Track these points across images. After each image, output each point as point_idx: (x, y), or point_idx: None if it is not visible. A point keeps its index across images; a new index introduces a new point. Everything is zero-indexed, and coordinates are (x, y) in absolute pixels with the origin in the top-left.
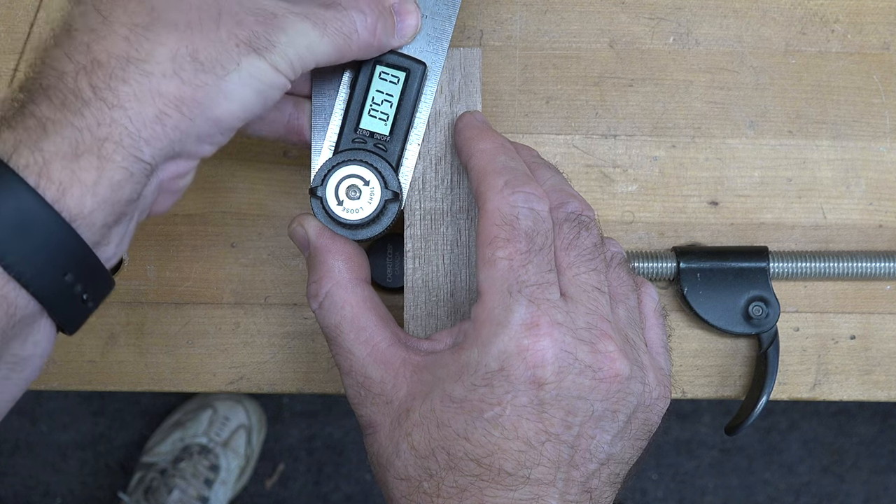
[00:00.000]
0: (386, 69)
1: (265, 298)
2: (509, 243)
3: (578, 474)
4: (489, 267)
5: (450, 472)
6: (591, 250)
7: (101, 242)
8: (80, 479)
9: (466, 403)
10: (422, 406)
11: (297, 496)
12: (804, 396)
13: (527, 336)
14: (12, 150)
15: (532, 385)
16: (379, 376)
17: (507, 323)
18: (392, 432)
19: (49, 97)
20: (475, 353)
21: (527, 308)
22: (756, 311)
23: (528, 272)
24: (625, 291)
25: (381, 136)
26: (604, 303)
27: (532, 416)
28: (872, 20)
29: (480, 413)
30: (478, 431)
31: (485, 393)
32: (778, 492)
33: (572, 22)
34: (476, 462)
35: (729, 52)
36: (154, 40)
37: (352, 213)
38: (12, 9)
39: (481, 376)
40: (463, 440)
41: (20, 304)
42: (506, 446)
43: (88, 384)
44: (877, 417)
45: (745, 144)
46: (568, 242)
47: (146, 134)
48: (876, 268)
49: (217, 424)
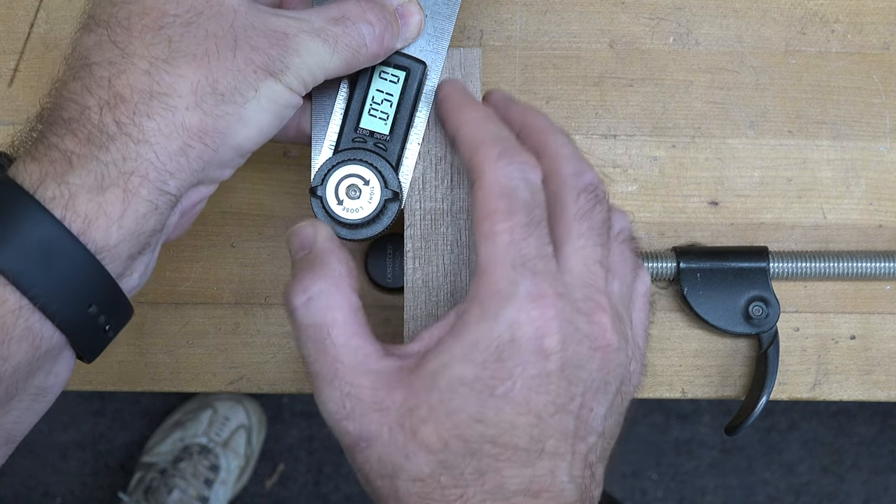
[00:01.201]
0: (386, 68)
1: (265, 298)
2: (509, 216)
3: (583, 447)
4: (490, 241)
5: (467, 459)
6: (601, 225)
7: (124, 273)
8: (80, 479)
9: (478, 383)
10: (428, 398)
11: (297, 496)
12: (804, 396)
13: (534, 307)
14: (38, 183)
15: (540, 356)
16: (371, 384)
17: (514, 295)
18: (394, 438)
19: (73, 131)
20: (484, 328)
21: (531, 280)
22: (756, 311)
23: (530, 245)
24: (624, 269)
25: (381, 136)
26: (602, 276)
27: (541, 388)
28: (872, 20)
29: (492, 391)
30: (490, 411)
31: (496, 369)
32: (778, 492)
33: (572, 22)
34: (492, 443)
35: (729, 52)
36: (174, 73)
37: (352, 212)
38: (12, 9)
39: (493, 350)
40: (476, 423)
41: (45, 335)
42: (518, 422)
43: (88, 384)
44: (877, 417)
45: (745, 144)
46: (583, 213)
47: (171, 167)
48: (876, 268)
49: (217, 424)
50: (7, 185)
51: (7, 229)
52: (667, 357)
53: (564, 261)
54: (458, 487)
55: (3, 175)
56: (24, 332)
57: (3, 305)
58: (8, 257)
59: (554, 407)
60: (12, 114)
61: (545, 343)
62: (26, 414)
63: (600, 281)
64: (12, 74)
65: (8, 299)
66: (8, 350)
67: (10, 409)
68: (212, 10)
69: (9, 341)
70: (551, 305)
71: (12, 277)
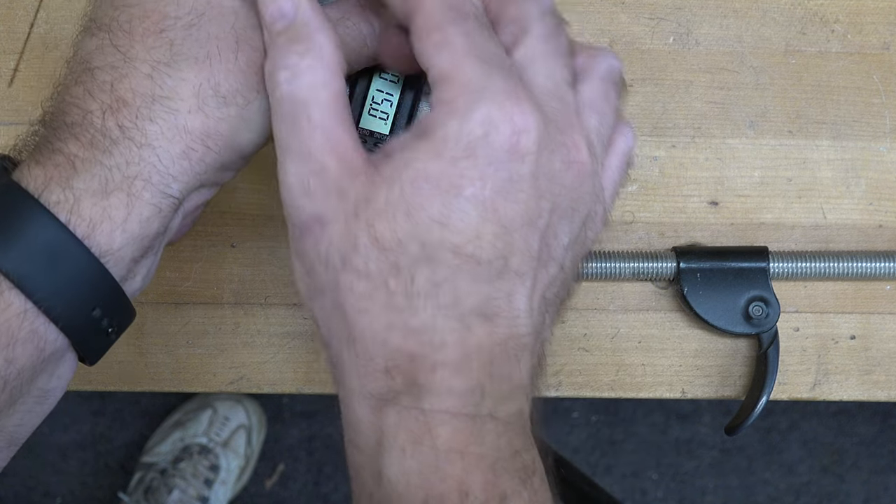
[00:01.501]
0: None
1: (265, 298)
2: (462, 20)
3: (544, 276)
4: (445, 47)
5: (423, 266)
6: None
7: (127, 277)
8: (80, 479)
9: (444, 180)
10: (388, 192)
11: (297, 496)
12: (804, 396)
13: (510, 101)
14: (43, 187)
15: (514, 156)
16: (336, 167)
17: (488, 87)
18: (348, 226)
19: (76, 135)
20: (455, 124)
21: (505, 78)
22: (756, 311)
23: (491, 44)
24: (604, 108)
25: (380, 136)
26: (572, 99)
27: (510, 194)
28: (872, 20)
29: (459, 191)
30: (455, 213)
31: (466, 166)
32: (778, 492)
33: (572, 22)
34: (453, 252)
35: (729, 52)
36: (176, 77)
37: None
38: (12, 9)
39: (463, 146)
40: (438, 225)
41: (49, 339)
42: (484, 230)
43: (88, 384)
44: (877, 417)
45: (745, 144)
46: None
47: (174, 170)
48: (876, 268)
49: (217, 424)
50: (12, 188)
51: (12, 232)
52: (667, 357)
53: (530, 77)
54: (408, 298)
55: (8, 179)
56: (29, 334)
57: (9, 308)
58: (13, 260)
59: (521, 220)
60: (12, 114)
61: (521, 141)
62: (29, 416)
63: (570, 101)
64: (12, 74)
65: (13, 302)
66: (13, 353)
67: (14, 412)
68: (213, 11)
69: (13, 344)
70: (527, 100)
71: (17, 280)
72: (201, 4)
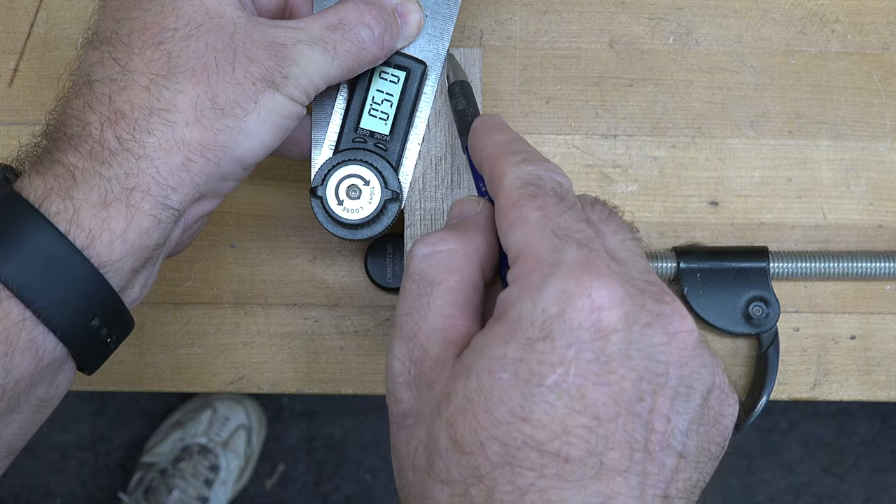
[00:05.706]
0: (386, 69)
1: (265, 298)
2: (537, 198)
3: (655, 469)
4: (520, 225)
5: (504, 471)
6: (625, 223)
7: (126, 287)
8: (80, 480)
9: (523, 367)
10: (466, 385)
11: (297, 496)
12: (804, 396)
13: (588, 274)
14: (43, 198)
15: (597, 335)
16: (437, 354)
17: (561, 262)
18: (432, 425)
19: (75, 147)
20: (528, 303)
21: (579, 249)
22: (756, 311)
23: (568, 219)
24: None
25: (381, 136)
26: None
27: (600, 378)
28: (872, 20)
29: (540, 379)
30: (538, 406)
31: (544, 349)
32: (778, 492)
33: (572, 22)
34: (538, 451)
35: (729, 52)
36: (174, 89)
37: (352, 212)
38: (12, 9)
39: (539, 327)
40: (520, 422)
41: (48, 348)
42: (572, 423)
43: (88, 384)
44: (877, 417)
45: (745, 144)
46: (606, 216)
47: (173, 182)
48: (876, 268)
49: (217, 424)
50: (13, 198)
51: (12, 242)
52: None
53: (611, 249)
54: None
55: (9, 189)
56: (28, 344)
57: (7, 317)
58: (12, 269)
59: (617, 406)
60: (12, 114)
61: (603, 317)
62: (27, 425)
63: (656, 277)
64: (12, 74)
65: (12, 311)
66: (11, 362)
67: (12, 421)
68: (212, 22)
69: (12, 353)
70: (606, 274)
71: (16, 290)
72: (200, 15)
